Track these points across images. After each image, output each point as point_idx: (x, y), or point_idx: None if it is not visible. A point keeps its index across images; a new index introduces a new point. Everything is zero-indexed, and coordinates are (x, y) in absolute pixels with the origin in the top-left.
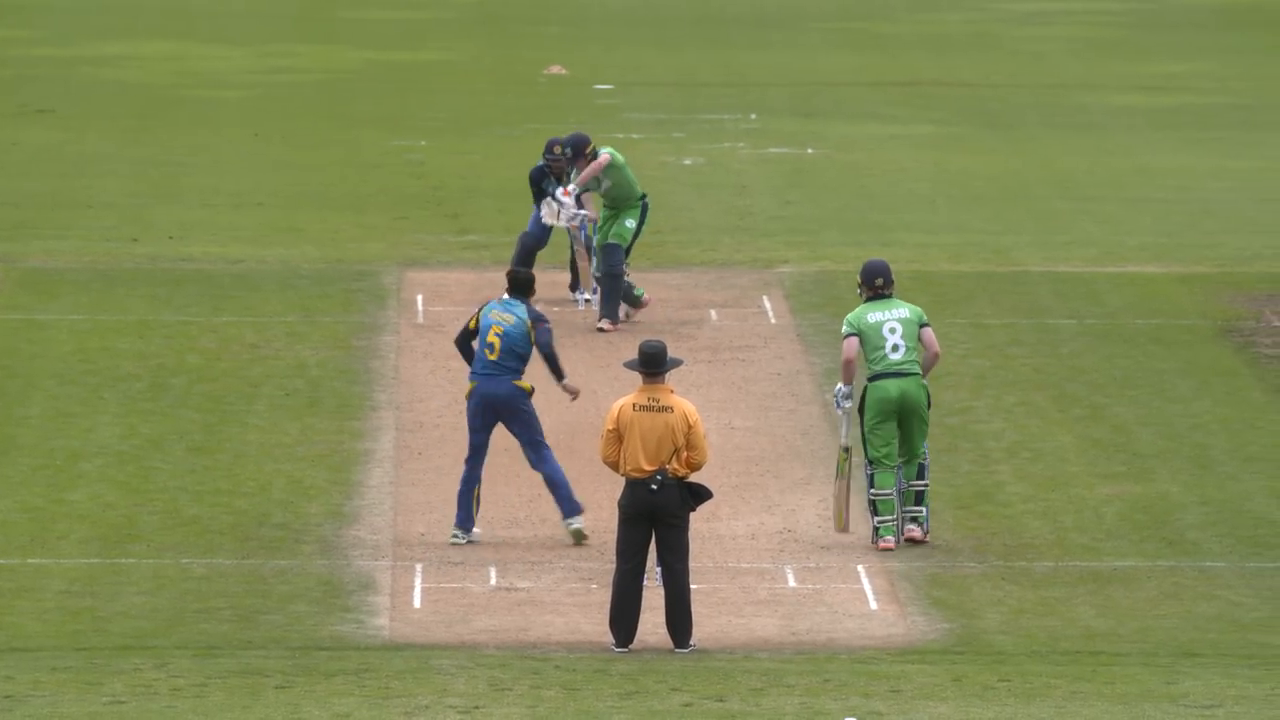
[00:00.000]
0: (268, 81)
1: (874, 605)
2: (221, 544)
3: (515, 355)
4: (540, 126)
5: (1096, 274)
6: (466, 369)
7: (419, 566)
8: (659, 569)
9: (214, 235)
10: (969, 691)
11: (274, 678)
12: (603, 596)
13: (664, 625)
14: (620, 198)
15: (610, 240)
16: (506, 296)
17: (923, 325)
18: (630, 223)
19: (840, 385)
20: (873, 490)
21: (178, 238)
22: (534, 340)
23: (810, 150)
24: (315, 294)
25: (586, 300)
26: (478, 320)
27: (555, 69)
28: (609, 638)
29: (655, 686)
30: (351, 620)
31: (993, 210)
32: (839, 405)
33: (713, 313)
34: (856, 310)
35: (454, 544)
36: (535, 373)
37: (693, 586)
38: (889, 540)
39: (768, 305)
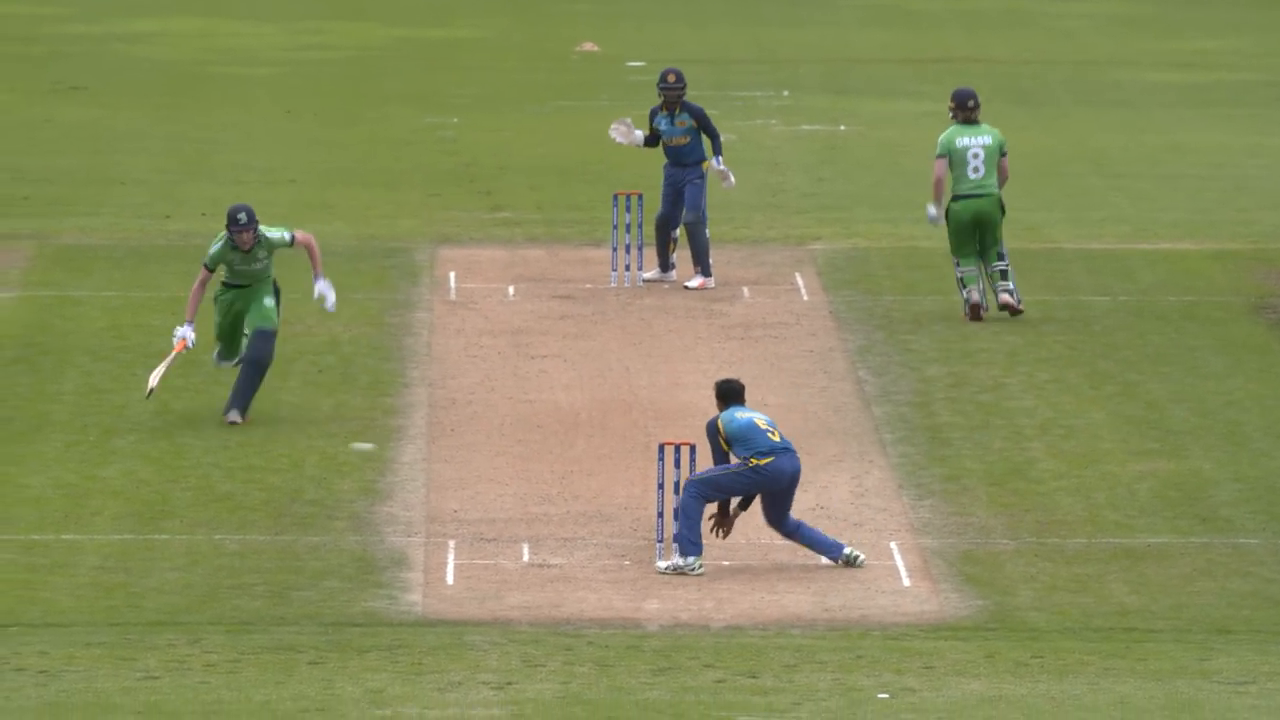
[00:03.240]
0: (299, 58)
1: (907, 582)
2: (254, 520)
3: None
4: (572, 104)
5: (1129, 251)
6: (500, 345)
7: (451, 543)
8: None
9: None
10: (1002, 668)
11: (307, 654)
12: (635, 573)
13: (697, 602)
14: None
15: (261, 325)
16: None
17: (1003, 154)
18: (269, 300)
19: (930, 206)
20: (960, 270)
21: (210, 214)
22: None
23: (843, 127)
24: (348, 270)
25: (646, 279)
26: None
27: (587, 46)
28: (641, 613)
29: (688, 663)
30: (384, 596)
31: (1025, 187)
32: (930, 220)
33: (745, 290)
34: (947, 132)
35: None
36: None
37: (724, 563)
38: (974, 291)
39: (800, 282)
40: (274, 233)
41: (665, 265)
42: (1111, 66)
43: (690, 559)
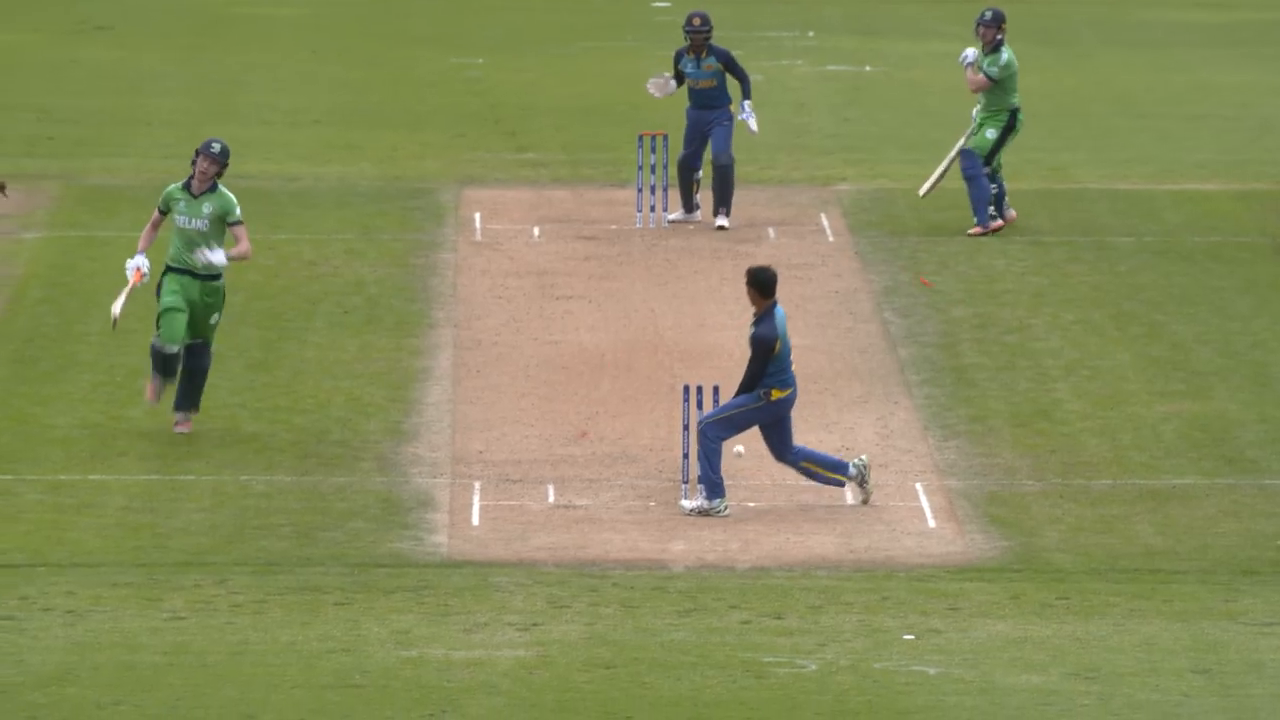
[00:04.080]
0: None
1: (932, 523)
2: (280, 461)
3: None
4: (597, 44)
5: (1155, 191)
6: (525, 286)
7: (477, 484)
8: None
9: (271, 153)
10: (1027, 609)
11: (333, 594)
12: (661, 514)
13: (723, 543)
14: None
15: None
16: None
17: None
18: (216, 317)
19: (972, 51)
20: (996, 185)
21: (235, 155)
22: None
23: (868, 68)
24: (373, 212)
25: (671, 220)
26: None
27: None
28: (667, 554)
29: (713, 604)
30: (410, 537)
31: (1051, 128)
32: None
33: (770, 231)
34: (1011, 55)
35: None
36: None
37: (749, 504)
38: (998, 222)
39: (825, 223)
40: (231, 196)
41: (689, 206)
42: (1137, 6)
43: (716, 500)
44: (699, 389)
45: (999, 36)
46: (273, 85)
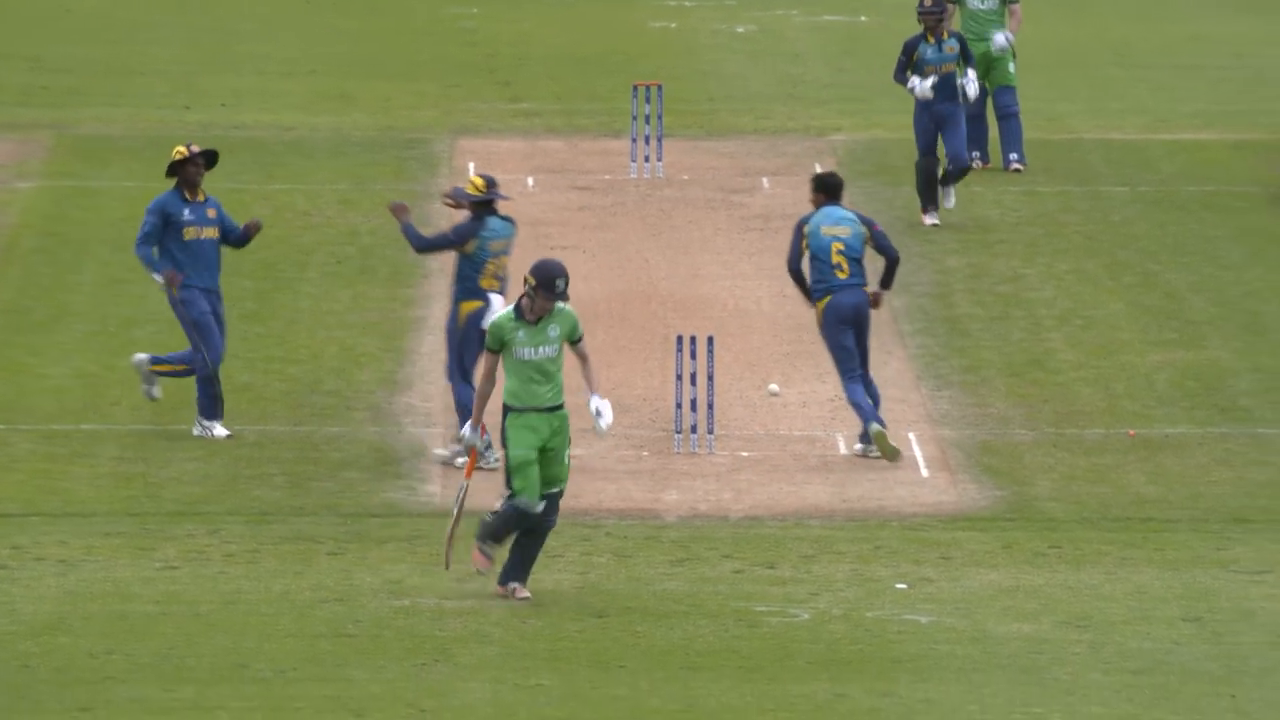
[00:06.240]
0: None
1: (925, 473)
2: (274, 411)
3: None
4: None
5: (1149, 141)
6: (520, 236)
7: None
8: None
9: (265, 103)
10: (1019, 558)
11: (326, 544)
12: (654, 464)
13: (716, 493)
14: None
15: None
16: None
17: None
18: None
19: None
20: None
21: (230, 105)
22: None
23: (863, 18)
24: (367, 161)
25: (932, 224)
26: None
27: None
28: (660, 504)
29: (706, 553)
30: (403, 487)
31: (1046, 77)
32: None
33: (765, 180)
34: None
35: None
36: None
37: (743, 454)
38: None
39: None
40: (573, 311)
41: (938, 202)
42: None
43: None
44: (693, 339)
45: None
46: (267, 35)
